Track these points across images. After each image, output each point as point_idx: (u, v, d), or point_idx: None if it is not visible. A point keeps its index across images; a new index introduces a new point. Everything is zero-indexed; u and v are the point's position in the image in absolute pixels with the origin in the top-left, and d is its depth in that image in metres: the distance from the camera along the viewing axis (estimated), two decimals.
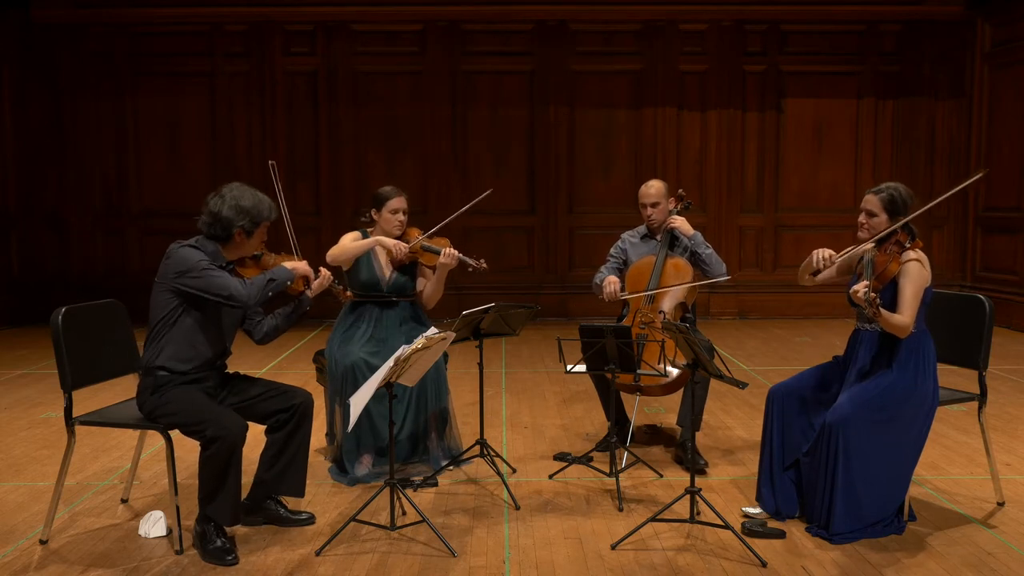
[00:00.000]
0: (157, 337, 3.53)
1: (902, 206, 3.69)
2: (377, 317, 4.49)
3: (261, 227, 3.60)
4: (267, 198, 3.62)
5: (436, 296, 4.57)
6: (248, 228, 3.55)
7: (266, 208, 3.58)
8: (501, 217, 10.04)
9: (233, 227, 3.52)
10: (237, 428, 3.40)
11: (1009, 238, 9.22)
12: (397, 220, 4.49)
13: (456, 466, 4.50)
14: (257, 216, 3.55)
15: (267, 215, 3.59)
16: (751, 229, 10.08)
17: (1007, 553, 3.45)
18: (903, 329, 3.55)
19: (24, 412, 5.82)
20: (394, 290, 4.53)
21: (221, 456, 3.36)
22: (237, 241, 3.58)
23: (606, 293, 4.69)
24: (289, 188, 9.89)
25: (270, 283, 3.54)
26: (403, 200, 4.52)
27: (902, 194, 3.71)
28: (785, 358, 7.66)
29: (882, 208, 3.71)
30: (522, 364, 7.46)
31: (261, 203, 3.57)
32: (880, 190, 3.74)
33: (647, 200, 4.81)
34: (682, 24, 9.86)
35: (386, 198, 4.50)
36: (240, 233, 3.55)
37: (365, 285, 4.49)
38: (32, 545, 3.58)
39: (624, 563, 3.37)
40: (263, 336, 3.78)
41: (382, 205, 4.50)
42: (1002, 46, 9.38)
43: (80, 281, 9.76)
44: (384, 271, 4.52)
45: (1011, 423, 5.40)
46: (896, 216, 3.69)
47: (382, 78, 9.89)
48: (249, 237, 3.59)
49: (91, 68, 9.80)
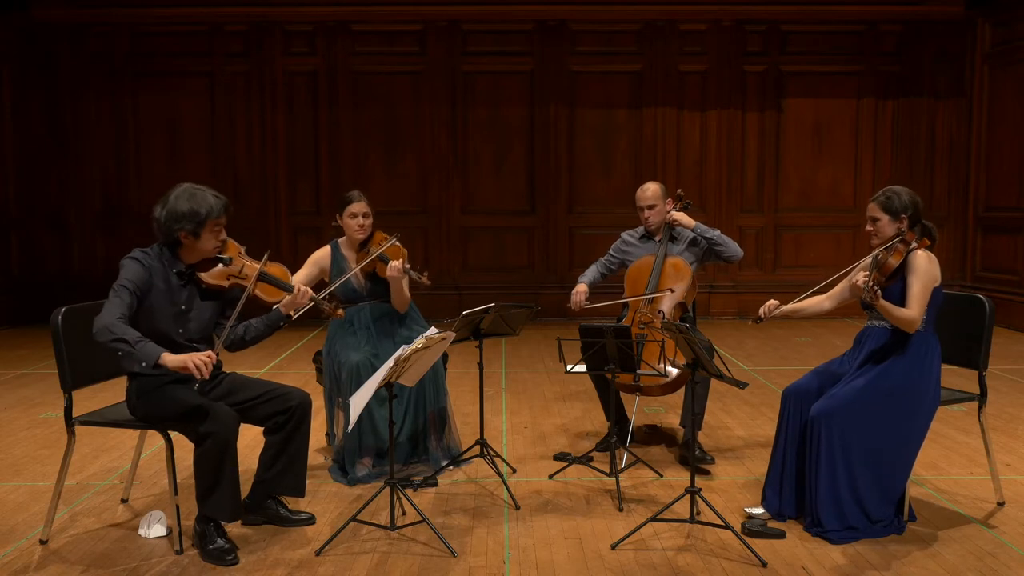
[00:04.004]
0: None
1: (901, 206, 3.71)
2: (370, 318, 4.49)
3: (207, 226, 3.47)
4: (211, 196, 3.49)
5: (402, 304, 4.51)
6: (192, 230, 3.45)
7: (206, 207, 3.43)
8: (501, 217, 10.05)
9: (173, 231, 3.44)
10: (228, 421, 3.38)
11: (1009, 238, 9.22)
12: (356, 224, 4.44)
13: (456, 466, 4.50)
14: (195, 217, 3.43)
15: (206, 214, 3.44)
16: (751, 229, 10.08)
17: (1007, 553, 3.45)
18: (910, 323, 3.56)
19: (24, 412, 5.82)
20: (373, 295, 4.52)
21: (214, 451, 3.35)
22: (186, 244, 3.49)
23: (572, 302, 4.74)
24: (289, 188, 9.92)
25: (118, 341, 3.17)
26: (363, 204, 4.45)
27: (899, 193, 3.75)
28: (785, 358, 7.66)
29: (881, 210, 3.74)
30: (522, 364, 7.46)
31: (200, 204, 3.42)
32: (878, 196, 3.80)
33: (644, 203, 4.82)
34: (682, 24, 9.86)
35: (347, 202, 4.46)
36: (185, 235, 3.46)
37: (348, 296, 4.51)
38: (32, 545, 3.58)
39: (624, 563, 3.37)
40: (229, 344, 3.62)
41: (343, 209, 4.47)
42: (1002, 46, 9.38)
43: (80, 281, 9.76)
44: (359, 279, 4.51)
45: (1011, 423, 5.40)
46: (898, 216, 3.71)
47: (382, 78, 9.89)
48: (197, 238, 3.48)
49: (91, 68, 9.81)
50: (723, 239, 4.75)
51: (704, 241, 4.75)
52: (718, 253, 4.76)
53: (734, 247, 4.77)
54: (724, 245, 4.74)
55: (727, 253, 4.75)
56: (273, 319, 3.67)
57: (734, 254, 4.76)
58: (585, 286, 4.85)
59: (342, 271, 4.49)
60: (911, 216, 3.72)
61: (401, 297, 4.48)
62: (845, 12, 9.82)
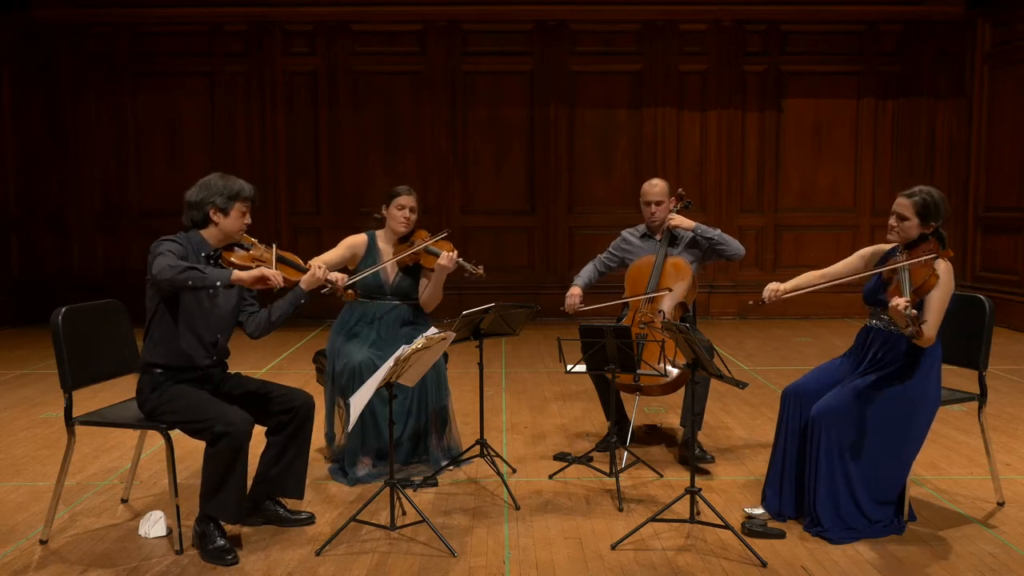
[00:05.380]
0: (149, 335, 3.54)
1: (936, 215, 3.59)
2: (379, 318, 4.49)
3: (237, 204, 3.55)
4: (245, 182, 3.61)
5: (435, 300, 4.56)
6: (221, 205, 3.53)
7: (237, 185, 3.56)
8: (501, 217, 10.05)
9: (205, 206, 3.52)
10: (243, 424, 3.40)
11: (1009, 238, 9.22)
12: (403, 216, 4.49)
13: (456, 466, 4.50)
14: (228, 191, 3.53)
15: (239, 191, 3.55)
16: (751, 229, 10.08)
17: (1007, 553, 3.45)
18: (927, 340, 3.48)
19: (24, 412, 5.82)
20: (397, 293, 4.53)
21: (228, 452, 3.36)
22: (215, 220, 3.55)
23: (567, 305, 4.76)
24: (289, 188, 9.92)
25: (190, 270, 3.25)
26: (412, 199, 4.53)
27: (935, 199, 3.60)
28: (785, 358, 7.66)
29: (915, 212, 3.59)
30: (522, 364, 7.46)
31: (234, 181, 3.56)
32: (913, 193, 3.63)
33: (651, 198, 4.81)
34: (682, 24, 9.86)
35: (396, 194, 4.53)
36: (215, 211, 3.53)
37: (369, 287, 4.49)
38: (32, 545, 3.58)
39: (624, 563, 3.37)
40: (255, 328, 3.73)
41: (391, 200, 4.52)
42: (1002, 46, 9.37)
43: (80, 281, 9.76)
44: (388, 274, 4.52)
45: (1011, 423, 5.40)
46: (928, 222, 3.59)
47: (382, 78, 9.89)
48: (225, 215, 3.55)
49: (91, 68, 9.81)
50: (724, 238, 4.74)
51: (705, 241, 4.74)
52: (720, 252, 4.75)
53: (735, 245, 4.75)
54: (725, 244, 4.73)
55: (729, 252, 4.74)
56: (296, 296, 3.71)
57: (736, 252, 4.75)
58: (579, 289, 4.85)
59: (375, 262, 4.50)
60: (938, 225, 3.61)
61: (437, 293, 4.51)
62: (845, 12, 9.82)
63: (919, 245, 3.61)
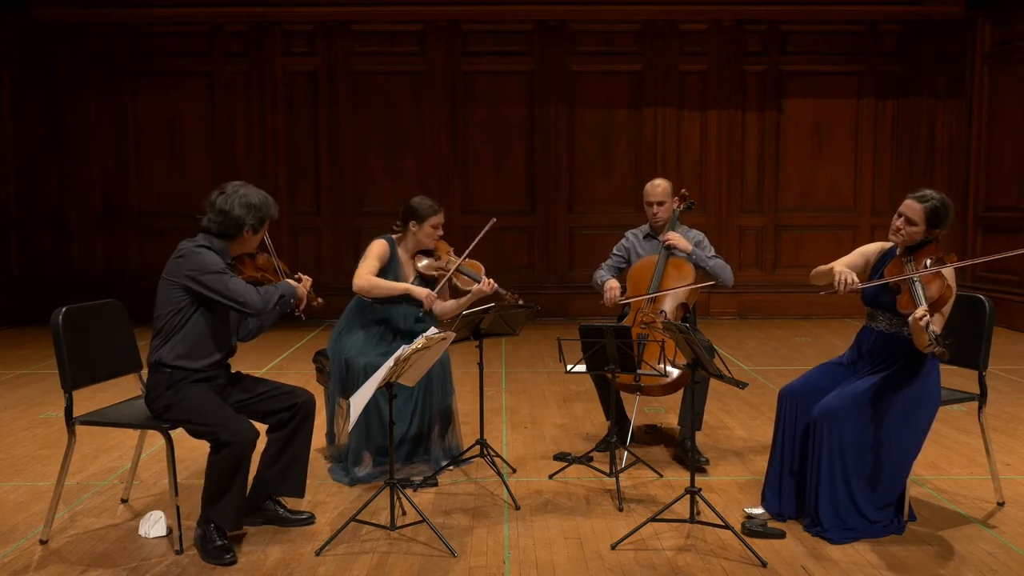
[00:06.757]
0: (165, 333, 3.53)
1: (944, 218, 3.54)
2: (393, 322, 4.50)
3: (266, 224, 3.68)
4: (270, 197, 3.72)
5: (452, 314, 4.57)
6: (256, 226, 3.63)
7: (272, 206, 3.67)
8: (501, 217, 9.92)
9: (244, 225, 3.58)
10: (249, 436, 3.43)
11: (1009, 238, 9.21)
12: (437, 235, 4.56)
13: (456, 466, 4.50)
14: (265, 214, 3.63)
15: (273, 213, 3.68)
16: (751, 229, 10.08)
17: (1007, 553, 3.45)
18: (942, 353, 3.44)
19: (24, 412, 5.82)
20: (412, 300, 4.52)
21: (230, 462, 3.38)
22: (244, 238, 3.64)
23: (607, 299, 4.73)
24: (289, 188, 9.92)
25: (281, 299, 3.61)
26: (442, 216, 4.57)
27: (946, 206, 3.54)
28: (785, 358, 7.66)
29: (924, 219, 3.53)
30: (522, 364, 7.46)
31: (267, 201, 3.66)
32: (925, 198, 3.55)
33: (654, 198, 4.81)
34: (682, 24, 9.86)
35: (430, 214, 4.51)
36: (249, 231, 3.62)
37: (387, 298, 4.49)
38: (32, 545, 3.58)
39: (624, 563, 3.37)
40: (247, 334, 3.82)
41: (424, 220, 4.50)
42: (1002, 46, 9.37)
43: (80, 281, 9.76)
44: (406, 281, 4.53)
45: (1011, 423, 5.40)
46: (934, 228, 3.55)
47: (382, 78, 9.89)
48: (255, 234, 3.67)
49: (91, 68, 9.81)
50: (716, 271, 4.70)
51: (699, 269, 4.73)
52: (710, 278, 4.75)
53: (726, 276, 4.74)
54: (717, 277, 4.71)
55: (719, 281, 4.74)
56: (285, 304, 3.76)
57: (724, 282, 4.75)
58: (616, 281, 4.82)
59: (396, 277, 4.51)
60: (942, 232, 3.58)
61: (460, 308, 4.53)
62: (845, 12, 9.82)
63: (922, 248, 3.60)
